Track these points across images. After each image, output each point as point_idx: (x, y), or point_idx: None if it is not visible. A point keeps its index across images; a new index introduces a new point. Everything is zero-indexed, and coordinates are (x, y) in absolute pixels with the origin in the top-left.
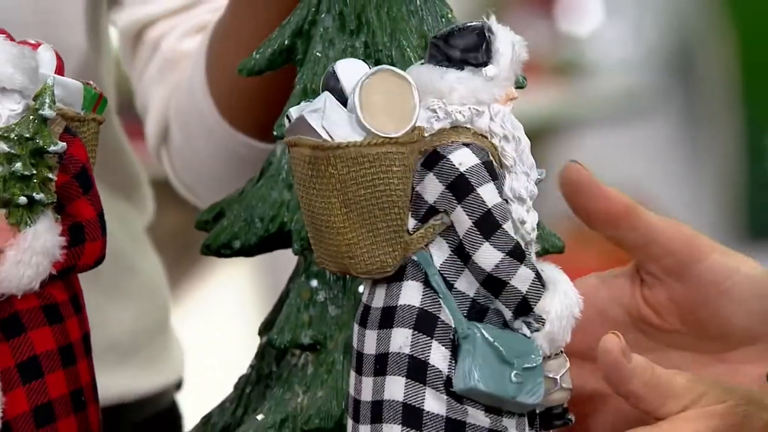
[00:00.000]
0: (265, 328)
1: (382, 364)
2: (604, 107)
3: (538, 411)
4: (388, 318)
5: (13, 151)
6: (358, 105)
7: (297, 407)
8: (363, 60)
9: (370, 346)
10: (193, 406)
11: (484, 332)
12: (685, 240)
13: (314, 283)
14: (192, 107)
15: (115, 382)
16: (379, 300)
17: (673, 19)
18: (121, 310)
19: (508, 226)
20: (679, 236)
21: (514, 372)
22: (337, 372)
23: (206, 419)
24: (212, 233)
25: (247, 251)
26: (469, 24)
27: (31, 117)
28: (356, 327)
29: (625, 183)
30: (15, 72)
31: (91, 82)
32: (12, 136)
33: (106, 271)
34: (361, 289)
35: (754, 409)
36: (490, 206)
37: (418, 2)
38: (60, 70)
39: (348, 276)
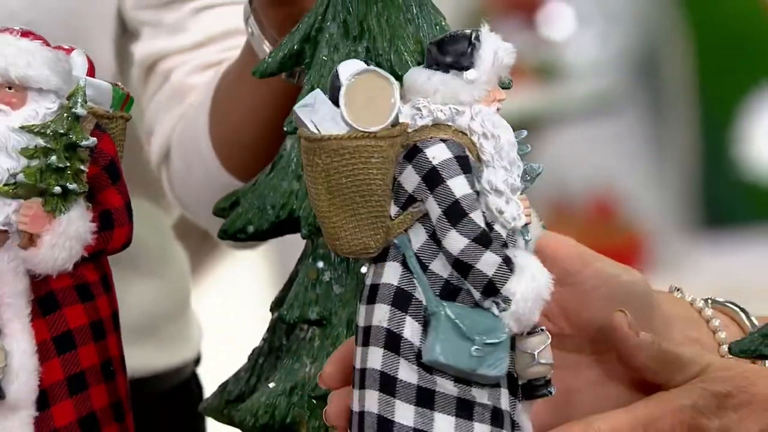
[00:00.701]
0: (276, 305)
1: (366, 336)
2: (578, 106)
3: (520, 383)
4: (373, 294)
5: (49, 145)
6: (342, 102)
7: (305, 376)
8: (365, 62)
9: (360, 320)
10: (212, 377)
11: (447, 310)
12: (570, 250)
13: (320, 264)
14: (194, 147)
15: (142, 356)
16: (369, 278)
17: (639, 27)
18: (149, 293)
19: (475, 215)
20: (564, 248)
21: (475, 347)
22: (341, 345)
23: (222, 387)
24: (228, 220)
25: (260, 236)
26: (459, 32)
27: (65, 115)
28: (358, 304)
29: (597, 174)
30: (51, 74)
31: (119, 84)
32: (48, 131)
33: (139, 260)
34: (363, 269)
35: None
36: (458, 197)
37: (414, 11)
38: (91, 72)
39: (351, 258)
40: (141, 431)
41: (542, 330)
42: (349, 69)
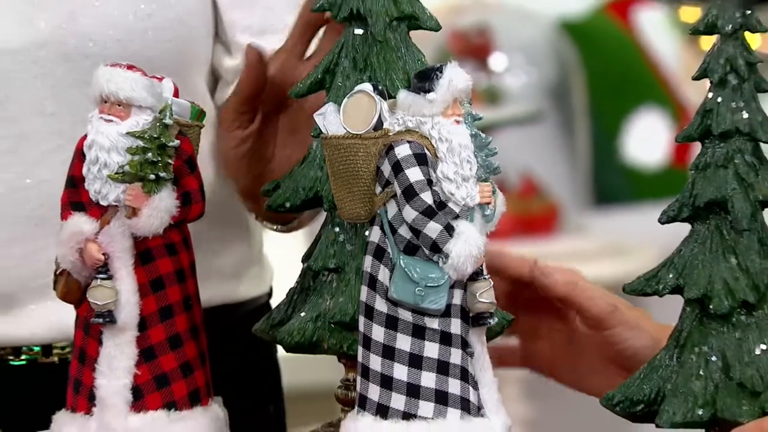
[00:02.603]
0: (306, 258)
1: (362, 278)
2: (512, 119)
3: (471, 315)
4: (366, 248)
5: (146, 145)
6: (341, 112)
7: (326, 308)
8: (373, 85)
9: (362, 266)
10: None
11: (401, 261)
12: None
13: (337, 229)
14: None
15: (233, 290)
16: (368, 237)
17: (551, 65)
18: (241, 247)
19: (425, 195)
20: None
21: (417, 288)
22: (351, 286)
23: (269, 315)
24: (272, 198)
25: (295, 209)
26: (431, 66)
27: (158, 124)
28: (363, 256)
29: (525, 164)
30: (147, 95)
31: (195, 101)
32: (146, 136)
33: (234, 225)
34: (367, 233)
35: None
36: (411, 181)
37: (403, 51)
38: (176, 93)
39: (358, 224)
40: (229, 341)
41: (485, 278)
42: (364, 87)
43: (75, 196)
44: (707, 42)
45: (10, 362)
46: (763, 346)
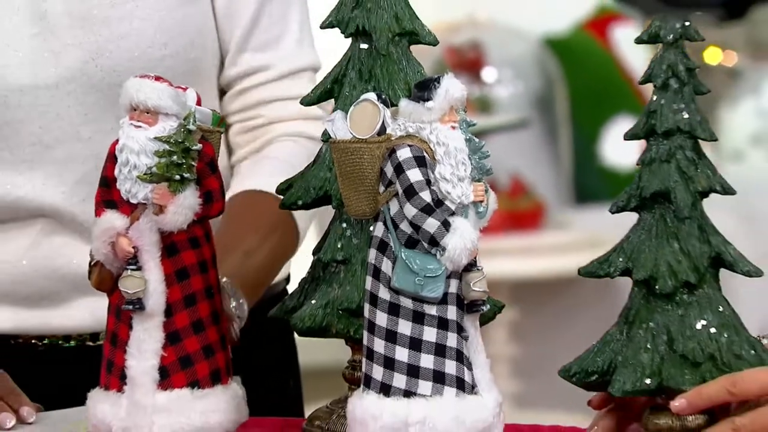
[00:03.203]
0: (316, 251)
1: (367, 269)
2: (502, 125)
3: (465, 302)
4: (371, 242)
5: (172, 149)
6: (348, 119)
7: (334, 296)
8: (377, 94)
9: (367, 258)
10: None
11: (402, 254)
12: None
13: (344, 225)
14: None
15: None
16: (372, 231)
17: (537, 78)
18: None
19: (423, 194)
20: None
21: (417, 278)
22: (357, 276)
23: (283, 302)
24: (286, 196)
25: (306, 206)
26: (429, 77)
27: (182, 129)
28: (368, 248)
29: (514, 166)
30: (173, 104)
31: (216, 109)
32: (171, 140)
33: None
34: (371, 228)
35: None
36: (411, 182)
37: (404, 63)
38: (199, 102)
39: (363, 220)
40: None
41: (479, 269)
42: (369, 97)
43: (107, 195)
44: None
45: (62, 345)
46: (703, 322)
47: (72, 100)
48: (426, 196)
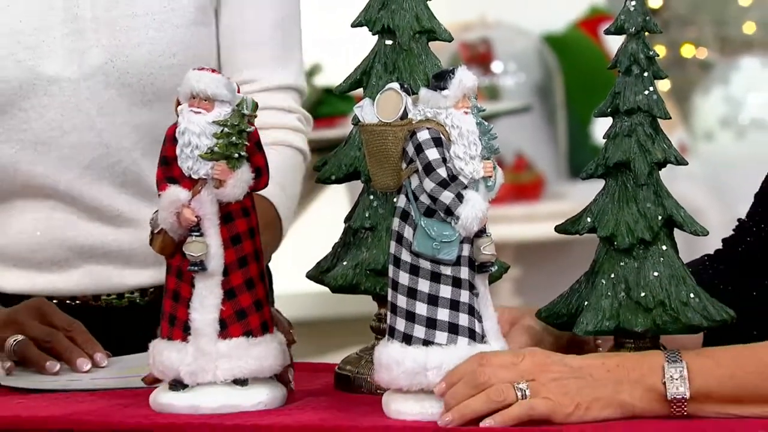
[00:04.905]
0: (347, 219)
1: (391, 235)
2: (507, 110)
3: (476, 263)
4: (395, 211)
5: (229, 131)
6: (375, 105)
7: (363, 258)
8: (401, 84)
9: (392, 226)
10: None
11: (422, 222)
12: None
13: (371, 197)
14: None
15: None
16: (396, 202)
17: (538, 69)
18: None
19: (440, 170)
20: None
21: (434, 243)
22: (383, 241)
23: (318, 263)
24: (321, 172)
25: (339, 181)
26: (444, 69)
27: (237, 113)
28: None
29: (518, 145)
30: (227, 92)
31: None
32: (228, 123)
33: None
34: (395, 200)
35: None
36: (430, 160)
37: (423, 57)
38: (238, 91)
39: (388, 193)
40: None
41: (488, 235)
42: (393, 86)
43: (168, 172)
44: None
45: (69, 304)
46: (656, 273)
47: (90, 94)
48: (442, 172)
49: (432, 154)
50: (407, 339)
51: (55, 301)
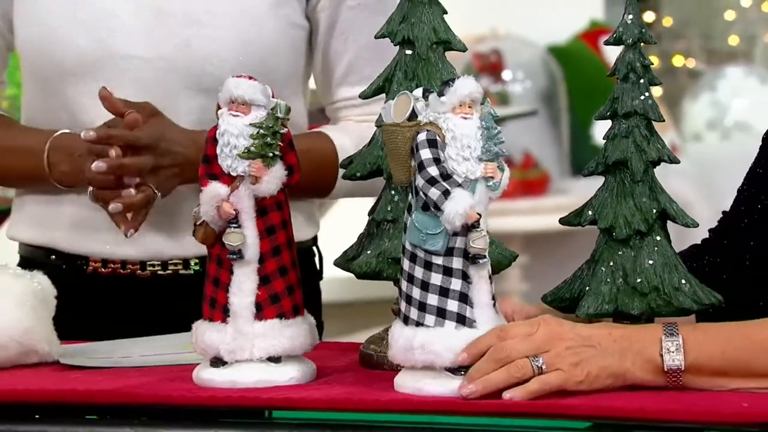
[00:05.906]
0: (371, 212)
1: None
2: (516, 114)
3: (470, 254)
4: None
5: (265, 132)
6: (390, 108)
7: (385, 247)
8: (423, 89)
9: None
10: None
11: (413, 216)
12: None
13: (392, 192)
14: None
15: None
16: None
17: (543, 77)
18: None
19: (431, 169)
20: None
21: (420, 234)
22: (401, 233)
23: (344, 252)
24: (348, 169)
25: (363, 178)
26: (451, 78)
27: (272, 116)
28: None
29: (525, 145)
30: (262, 97)
31: (284, 102)
32: (264, 125)
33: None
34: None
35: None
36: (422, 159)
37: (440, 66)
38: (273, 96)
39: (407, 187)
40: None
41: (479, 230)
42: (408, 92)
43: (209, 169)
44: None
45: (180, 272)
46: (651, 261)
47: (156, 76)
48: (432, 170)
49: (425, 154)
50: (405, 320)
51: (107, 270)
